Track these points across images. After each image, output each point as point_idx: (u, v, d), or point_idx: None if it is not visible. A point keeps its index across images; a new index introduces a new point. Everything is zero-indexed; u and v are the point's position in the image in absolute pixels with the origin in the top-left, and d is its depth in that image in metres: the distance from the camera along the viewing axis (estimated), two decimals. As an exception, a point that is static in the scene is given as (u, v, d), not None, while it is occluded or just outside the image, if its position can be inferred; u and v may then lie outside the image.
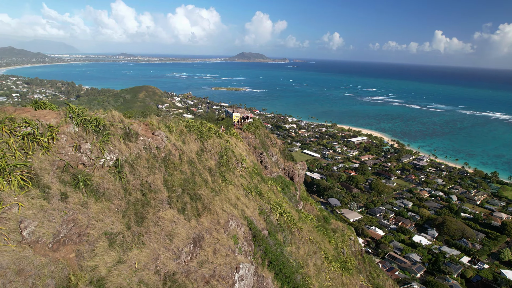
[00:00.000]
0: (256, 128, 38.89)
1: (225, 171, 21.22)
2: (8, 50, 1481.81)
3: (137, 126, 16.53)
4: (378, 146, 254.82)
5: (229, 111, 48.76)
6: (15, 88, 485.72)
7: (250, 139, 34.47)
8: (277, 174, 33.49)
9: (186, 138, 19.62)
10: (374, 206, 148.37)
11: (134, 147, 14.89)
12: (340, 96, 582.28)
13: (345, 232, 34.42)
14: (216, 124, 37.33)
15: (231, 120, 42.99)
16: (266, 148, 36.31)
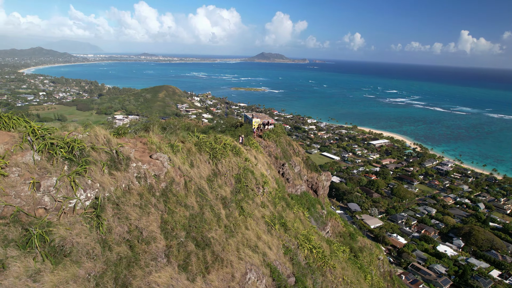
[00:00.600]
0: (278, 136, 36.33)
1: (243, 200, 17.78)
2: (37, 50, 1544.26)
3: (130, 147, 13.22)
4: (400, 149, 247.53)
5: (248, 116, 46.41)
6: (42, 87, 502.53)
7: (271, 149, 32.15)
8: (300, 188, 31.23)
9: (195, 159, 16.25)
10: (395, 212, 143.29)
11: (122, 178, 11.54)
12: (361, 97, 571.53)
13: (373, 251, 31.84)
14: (235, 130, 35.35)
15: (250, 127, 40.50)
16: (288, 157, 33.88)
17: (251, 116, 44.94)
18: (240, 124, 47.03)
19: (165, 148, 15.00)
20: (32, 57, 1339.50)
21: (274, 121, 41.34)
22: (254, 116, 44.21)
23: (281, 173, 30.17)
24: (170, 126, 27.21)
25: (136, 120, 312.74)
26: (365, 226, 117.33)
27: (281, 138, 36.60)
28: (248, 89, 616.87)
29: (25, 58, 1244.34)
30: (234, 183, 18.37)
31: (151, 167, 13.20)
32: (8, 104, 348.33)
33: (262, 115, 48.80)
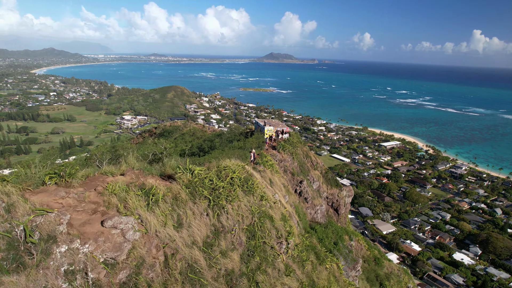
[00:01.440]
0: (294, 147, 32.80)
1: (259, 269, 12.09)
2: (49, 51, 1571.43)
3: (62, 212, 7.93)
4: (412, 151, 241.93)
5: (260, 124, 41.72)
6: (53, 87, 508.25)
7: (286, 163, 28.96)
8: (320, 209, 28.18)
9: (184, 213, 10.75)
10: (408, 217, 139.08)
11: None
12: (371, 98, 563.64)
13: (401, 278, 28.59)
14: (244, 141, 32.32)
15: (262, 136, 36.48)
16: (306, 172, 30.70)
17: (263, 123, 40.75)
18: (250, 132, 43.14)
19: (135, 201, 9.61)
20: (44, 57, 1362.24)
21: (289, 128, 37.77)
22: (266, 123, 40.00)
23: (298, 192, 27.09)
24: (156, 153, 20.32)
25: (144, 120, 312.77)
26: (378, 232, 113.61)
27: (298, 149, 33.26)
28: (257, 90, 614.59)
29: (37, 59, 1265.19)
30: (246, 241, 12.48)
31: (101, 245, 7.79)
32: (19, 105, 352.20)
33: (276, 121, 44.55)
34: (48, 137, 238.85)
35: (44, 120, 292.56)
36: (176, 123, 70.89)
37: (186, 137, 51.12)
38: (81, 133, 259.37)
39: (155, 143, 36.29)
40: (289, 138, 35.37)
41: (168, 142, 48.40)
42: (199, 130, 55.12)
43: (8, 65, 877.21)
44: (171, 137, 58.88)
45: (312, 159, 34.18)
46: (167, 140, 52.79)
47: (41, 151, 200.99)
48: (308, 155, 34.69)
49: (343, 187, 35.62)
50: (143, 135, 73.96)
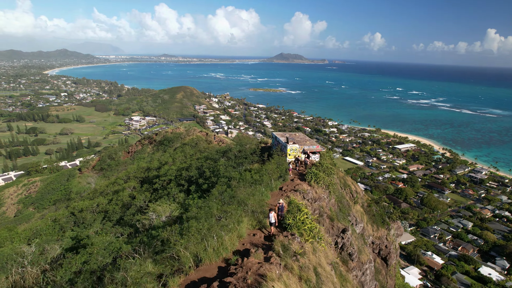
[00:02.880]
0: (329, 175, 25.70)
1: None
2: (62, 52, 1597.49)
3: None
4: (428, 154, 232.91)
5: (280, 140, 33.09)
6: (64, 88, 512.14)
7: (322, 202, 22.35)
8: (369, 268, 21.95)
9: None
10: (427, 225, 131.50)
11: None
12: (383, 98, 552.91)
13: None
14: (260, 167, 26.08)
15: (284, 159, 29.07)
16: (346, 209, 24.30)
17: (284, 139, 32.30)
18: (266, 150, 34.91)
19: None
20: (57, 58, 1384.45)
21: (320, 146, 30.65)
22: (289, 139, 31.57)
23: (340, 246, 20.96)
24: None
25: (153, 121, 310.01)
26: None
27: (334, 176, 26.50)
28: (266, 90, 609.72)
29: (50, 60, 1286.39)
30: None
31: None
32: (30, 105, 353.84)
33: (301, 136, 35.66)
34: (56, 138, 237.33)
35: (54, 121, 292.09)
36: (178, 130, 65.06)
37: (187, 149, 44.96)
38: (90, 134, 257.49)
39: (131, 197, 30.24)
40: (321, 161, 27.99)
41: (166, 156, 43.11)
42: (203, 140, 49.01)
43: (22, 66, 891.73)
44: (171, 147, 53.45)
45: (351, 188, 27.70)
46: (165, 152, 47.52)
47: (48, 153, 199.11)
48: (346, 183, 28.14)
49: (391, 223, 28.88)
50: (142, 142, 68.62)
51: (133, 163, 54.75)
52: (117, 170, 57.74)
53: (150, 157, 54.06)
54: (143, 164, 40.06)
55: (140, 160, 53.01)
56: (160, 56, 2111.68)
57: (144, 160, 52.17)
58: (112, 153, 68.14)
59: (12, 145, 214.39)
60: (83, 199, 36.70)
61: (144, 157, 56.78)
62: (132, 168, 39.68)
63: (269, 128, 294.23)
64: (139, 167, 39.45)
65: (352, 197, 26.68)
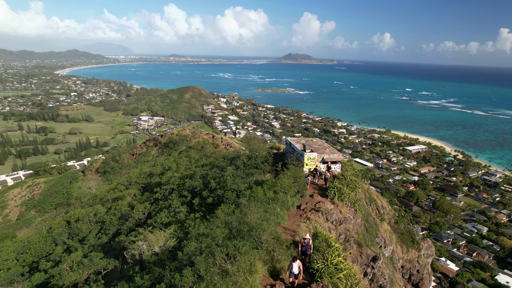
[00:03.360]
0: (353, 189, 22.71)
1: None
2: (73, 52, 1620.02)
3: None
4: (439, 156, 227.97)
5: (295, 147, 29.51)
6: (74, 88, 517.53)
7: (348, 224, 19.46)
8: None
9: None
10: (439, 229, 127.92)
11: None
12: (392, 99, 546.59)
13: None
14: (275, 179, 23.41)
15: (301, 170, 25.84)
16: (374, 230, 21.67)
17: (300, 146, 28.95)
18: (280, 157, 31.95)
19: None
20: (68, 59, 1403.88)
21: (341, 154, 27.46)
22: (306, 147, 28.35)
23: (370, 277, 17.96)
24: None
25: (161, 121, 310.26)
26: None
27: (359, 191, 23.38)
28: (275, 90, 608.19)
29: (61, 60, 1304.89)
30: None
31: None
32: (41, 105, 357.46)
33: (318, 142, 31.85)
34: (65, 137, 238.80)
35: (63, 120, 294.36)
36: (184, 132, 63.14)
37: (192, 153, 43.01)
38: (98, 134, 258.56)
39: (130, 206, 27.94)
40: (344, 173, 24.93)
41: (170, 160, 41.33)
42: (210, 143, 46.85)
43: (34, 66, 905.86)
44: (176, 150, 51.70)
45: (377, 204, 24.88)
46: (169, 156, 45.73)
47: (57, 152, 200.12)
48: (371, 197, 25.42)
49: (421, 242, 25.86)
50: (147, 144, 67.01)
51: (137, 166, 53.18)
52: (120, 174, 56.29)
53: (154, 160, 52.32)
54: (146, 168, 38.42)
55: (144, 164, 51.30)
56: (169, 56, 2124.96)
57: (148, 163, 50.44)
58: (116, 156, 66.61)
59: (22, 144, 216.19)
60: (83, 205, 35.29)
61: (148, 160, 55.08)
62: (135, 172, 38.07)
63: (277, 128, 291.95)
64: (142, 172, 37.83)
65: (379, 214, 23.97)
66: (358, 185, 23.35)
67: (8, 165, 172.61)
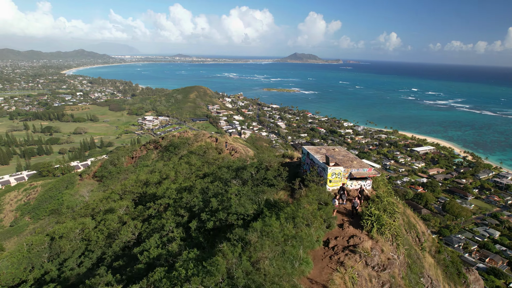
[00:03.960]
0: (392, 215, 18.74)
1: None
2: (79, 52, 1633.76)
3: None
4: (448, 158, 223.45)
5: (316, 160, 24.72)
6: (80, 87, 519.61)
7: (393, 268, 14.95)
8: None
9: None
10: (450, 233, 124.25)
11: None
12: (399, 99, 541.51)
13: None
14: (296, 203, 19.34)
15: (325, 191, 21.72)
16: (418, 267, 17.60)
17: (321, 158, 24.34)
18: (293, 168, 27.82)
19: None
20: (74, 58, 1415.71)
21: (373, 169, 23.23)
22: (330, 158, 23.21)
23: None
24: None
25: (166, 121, 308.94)
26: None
27: (398, 217, 19.06)
28: (280, 90, 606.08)
29: (68, 60, 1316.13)
30: None
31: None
32: (47, 104, 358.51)
33: (342, 152, 27.33)
34: (70, 137, 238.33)
35: (68, 120, 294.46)
36: (186, 134, 60.43)
37: (193, 159, 40.40)
38: (103, 134, 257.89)
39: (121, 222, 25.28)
40: (381, 195, 20.39)
41: (169, 167, 38.64)
42: (213, 148, 44.04)
43: (41, 66, 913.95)
44: (176, 154, 49.10)
45: (417, 229, 20.97)
46: (169, 161, 43.09)
47: (62, 152, 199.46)
48: (410, 221, 21.43)
49: (467, 274, 22.28)
50: (147, 147, 64.39)
51: (135, 170, 50.74)
52: (117, 179, 53.85)
53: (153, 165, 49.70)
54: (143, 176, 35.94)
55: (142, 169, 48.65)
56: (175, 56, 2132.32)
57: (147, 168, 47.76)
58: (115, 159, 64.08)
59: (27, 144, 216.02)
60: (74, 215, 32.82)
61: (147, 165, 52.34)
62: (131, 180, 35.58)
63: (283, 129, 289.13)
64: (138, 179, 35.26)
65: (419, 242, 20.44)
66: (397, 209, 19.71)
67: (13, 165, 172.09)
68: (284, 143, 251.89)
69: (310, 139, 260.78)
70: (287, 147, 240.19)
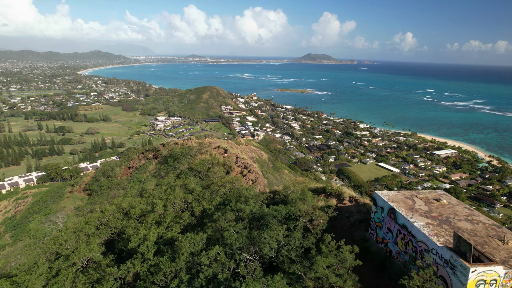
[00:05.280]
0: None
1: None
2: (95, 53, 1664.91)
3: None
4: (471, 162, 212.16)
5: (419, 232, 15.61)
6: (95, 87, 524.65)
7: None
8: None
9: None
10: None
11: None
12: (416, 100, 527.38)
13: None
14: None
15: None
16: None
17: (434, 234, 14.91)
18: (347, 224, 19.07)
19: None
20: (91, 59, 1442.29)
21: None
22: (466, 245, 12.57)
23: None
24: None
25: (178, 121, 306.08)
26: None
27: None
28: (294, 91, 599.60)
29: (85, 60, 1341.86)
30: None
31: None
32: (61, 104, 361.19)
33: (460, 210, 18.51)
34: (82, 137, 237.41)
35: (82, 120, 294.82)
36: (189, 142, 53.83)
37: (191, 182, 32.42)
38: (115, 134, 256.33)
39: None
40: None
41: (160, 193, 32.30)
42: (220, 163, 36.05)
43: (59, 66, 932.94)
44: (174, 169, 42.78)
45: None
46: (165, 177, 37.13)
47: (73, 153, 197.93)
48: None
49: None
50: (147, 155, 57.68)
51: (128, 185, 44.89)
52: (107, 195, 48.09)
53: (148, 179, 43.71)
54: (125, 203, 29.89)
55: (135, 186, 42.57)
56: (189, 56, 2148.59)
57: (139, 185, 41.78)
58: (108, 170, 57.57)
59: (40, 144, 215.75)
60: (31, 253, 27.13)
61: (141, 180, 46.24)
62: (110, 209, 29.32)
63: (297, 130, 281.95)
64: (119, 207, 29.35)
65: None
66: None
67: (24, 165, 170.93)
68: (299, 145, 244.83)
69: (325, 141, 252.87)
70: (301, 149, 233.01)
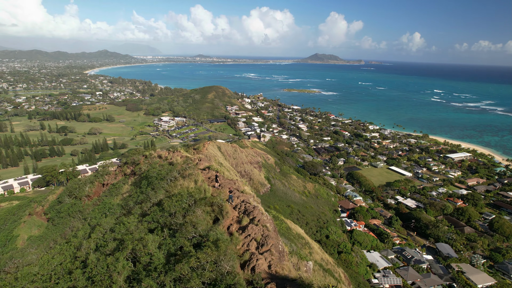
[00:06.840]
0: None
1: None
2: (103, 53, 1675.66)
3: None
4: (488, 166, 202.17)
5: None
6: (100, 87, 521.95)
7: None
8: None
9: None
10: (503, 258, 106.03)
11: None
12: (425, 101, 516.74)
13: None
14: None
15: None
16: None
17: None
18: None
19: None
20: (98, 59, 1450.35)
21: None
22: None
23: None
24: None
25: (182, 122, 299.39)
26: (471, 286, 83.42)
27: None
28: (301, 91, 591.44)
29: (92, 60, 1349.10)
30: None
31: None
32: (65, 103, 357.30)
33: None
34: (84, 138, 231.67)
35: (85, 120, 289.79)
36: (175, 156, 43.68)
37: (150, 245, 21.09)
38: (117, 134, 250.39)
39: None
40: None
41: (119, 232, 22.44)
42: (206, 205, 24.12)
43: (66, 66, 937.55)
44: (147, 198, 32.56)
45: None
46: (133, 209, 28.16)
47: (74, 153, 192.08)
48: None
49: None
50: (124, 171, 49.01)
51: (94, 211, 37.01)
52: (64, 226, 39.89)
53: (113, 209, 35.58)
54: (68, 263, 22.07)
55: (96, 217, 34.50)
56: (195, 56, 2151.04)
57: (102, 214, 33.68)
58: (75, 188, 47.84)
59: (40, 144, 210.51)
60: None
61: (110, 206, 37.87)
62: (62, 254, 21.95)
63: (304, 131, 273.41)
64: (65, 265, 21.58)
65: None
66: None
67: (22, 167, 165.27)
68: (306, 147, 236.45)
69: (334, 143, 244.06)
70: (309, 152, 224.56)
